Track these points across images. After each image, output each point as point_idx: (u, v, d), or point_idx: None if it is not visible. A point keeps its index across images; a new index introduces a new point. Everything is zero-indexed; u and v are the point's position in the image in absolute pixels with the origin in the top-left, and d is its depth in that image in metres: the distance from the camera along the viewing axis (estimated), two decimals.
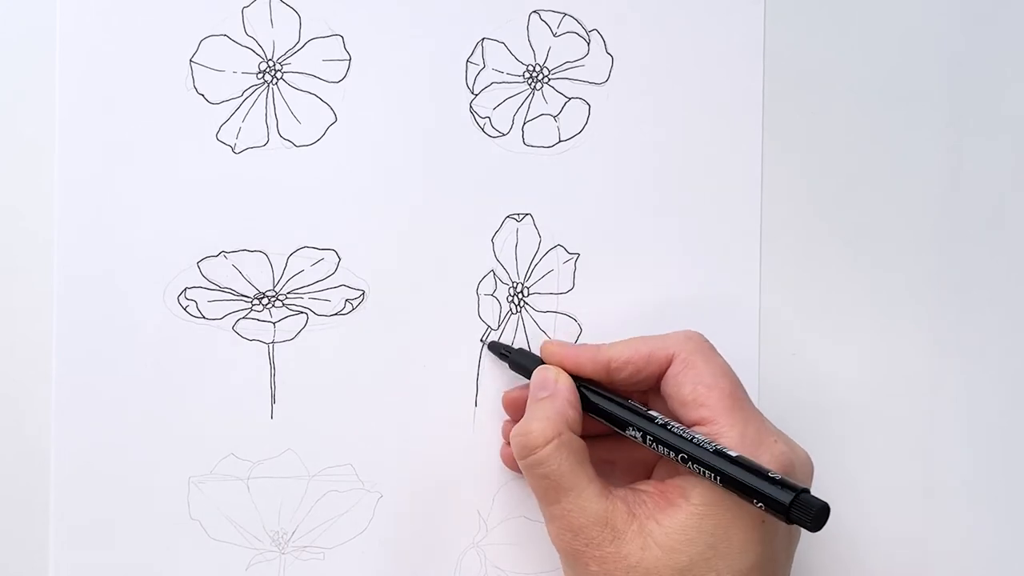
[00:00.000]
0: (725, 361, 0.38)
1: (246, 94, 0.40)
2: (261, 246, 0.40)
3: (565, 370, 0.39)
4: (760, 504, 0.33)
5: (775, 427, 0.37)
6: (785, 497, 0.32)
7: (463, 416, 0.41)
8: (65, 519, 0.39)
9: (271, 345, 0.40)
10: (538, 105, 0.42)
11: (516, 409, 0.40)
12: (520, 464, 0.37)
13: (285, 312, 0.41)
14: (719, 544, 0.34)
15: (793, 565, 0.38)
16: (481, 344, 0.41)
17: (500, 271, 0.42)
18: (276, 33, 0.40)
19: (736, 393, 0.37)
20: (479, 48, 0.42)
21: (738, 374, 0.38)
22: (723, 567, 0.34)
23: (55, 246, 0.39)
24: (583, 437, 0.37)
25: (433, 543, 0.41)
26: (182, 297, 0.40)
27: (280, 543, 0.41)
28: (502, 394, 0.41)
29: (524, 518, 0.42)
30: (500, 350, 0.41)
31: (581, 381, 0.38)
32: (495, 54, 0.42)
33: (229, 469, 0.40)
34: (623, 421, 0.37)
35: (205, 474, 0.40)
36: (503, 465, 0.41)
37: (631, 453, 0.40)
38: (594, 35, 0.42)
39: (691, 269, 0.43)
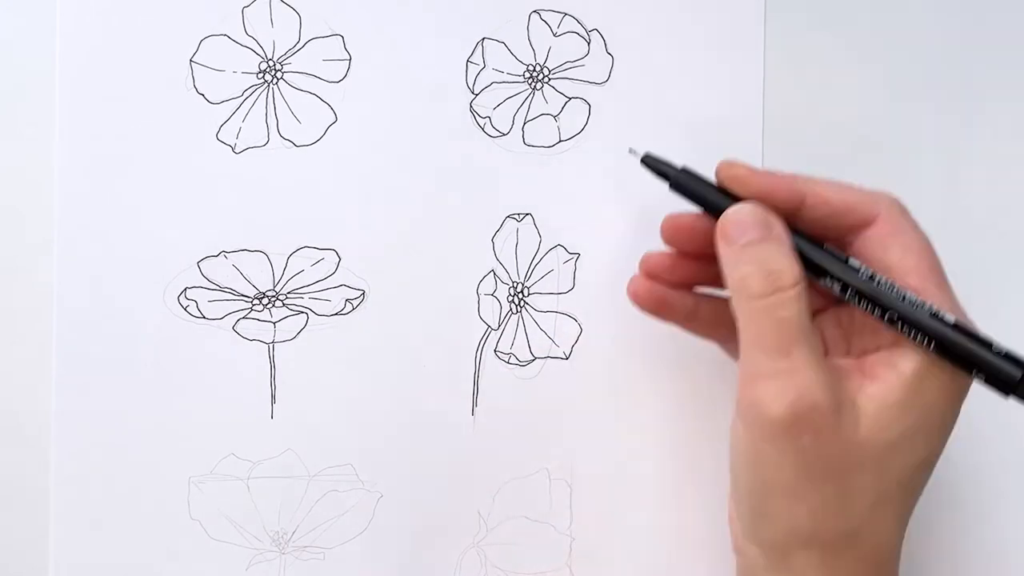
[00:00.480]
0: (927, 238, 0.34)
1: (246, 94, 0.40)
2: (261, 246, 0.40)
3: (751, 196, 0.34)
4: (982, 375, 0.31)
5: None
6: (1015, 371, 0.30)
7: (463, 416, 0.41)
8: (65, 519, 0.39)
9: (271, 345, 0.40)
10: (538, 105, 0.42)
11: (681, 236, 0.37)
12: (751, 306, 0.32)
13: (285, 312, 0.41)
14: (926, 418, 0.32)
15: None
16: (480, 342, 0.41)
17: (500, 271, 0.42)
18: (276, 33, 0.41)
19: (942, 270, 0.34)
20: (479, 48, 0.42)
21: None
22: (922, 444, 0.32)
23: (55, 246, 0.39)
24: None
25: (433, 543, 0.41)
26: (182, 297, 0.40)
27: (280, 543, 0.41)
28: (663, 220, 0.37)
29: (524, 518, 0.42)
30: (688, 180, 0.36)
31: None
32: (495, 54, 0.42)
33: (229, 469, 0.40)
34: (822, 269, 0.33)
35: (205, 474, 0.40)
36: (634, 301, 0.38)
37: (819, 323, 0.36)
38: (594, 35, 0.42)
39: None
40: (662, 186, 0.38)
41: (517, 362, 0.42)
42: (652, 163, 0.36)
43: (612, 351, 0.42)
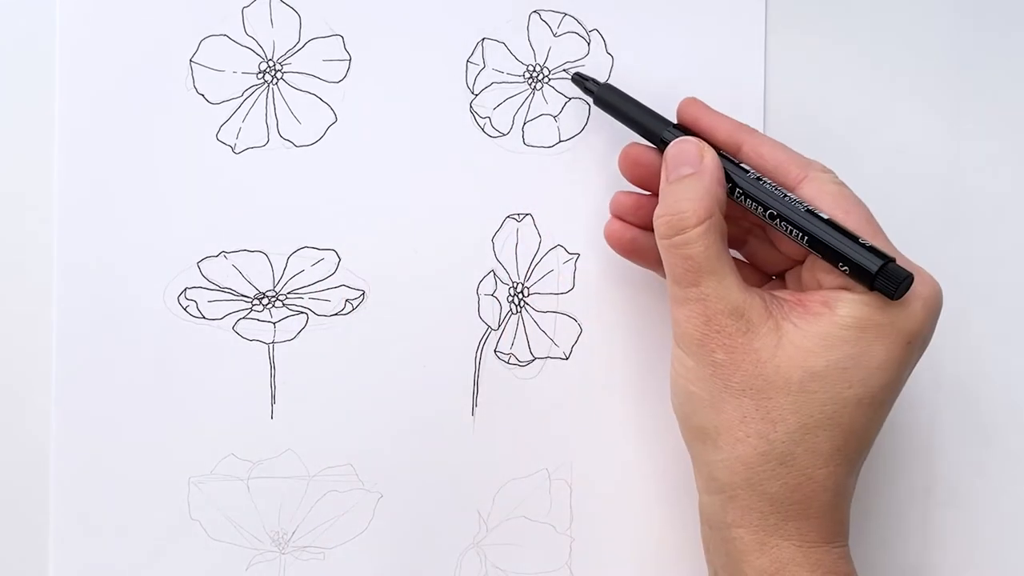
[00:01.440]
0: (864, 207, 0.36)
1: (246, 94, 0.40)
2: (261, 246, 0.40)
3: (696, 133, 0.37)
4: (845, 268, 0.32)
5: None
6: (873, 264, 0.32)
7: (463, 416, 0.41)
8: (65, 519, 0.39)
9: (271, 345, 0.40)
10: (538, 105, 0.42)
11: (636, 169, 0.39)
12: (662, 243, 0.36)
13: (285, 312, 0.41)
14: (860, 357, 0.33)
15: None
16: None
17: (500, 271, 0.42)
18: (276, 33, 0.41)
19: (874, 222, 0.35)
20: (479, 48, 0.42)
21: None
22: (857, 380, 0.33)
23: (55, 246, 0.39)
24: None
25: (433, 543, 0.41)
26: (182, 297, 0.40)
27: (280, 543, 0.41)
28: (620, 153, 0.40)
29: (524, 518, 0.42)
30: (585, 83, 0.39)
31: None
32: (495, 54, 0.42)
33: (229, 469, 0.40)
34: (782, 213, 0.35)
35: (205, 474, 0.40)
36: (611, 247, 0.40)
37: (759, 251, 0.39)
38: (594, 35, 0.42)
39: None
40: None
41: (517, 362, 0.42)
42: (578, 79, 0.39)
43: (612, 351, 0.42)
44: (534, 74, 0.42)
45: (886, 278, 0.32)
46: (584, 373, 0.42)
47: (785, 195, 0.34)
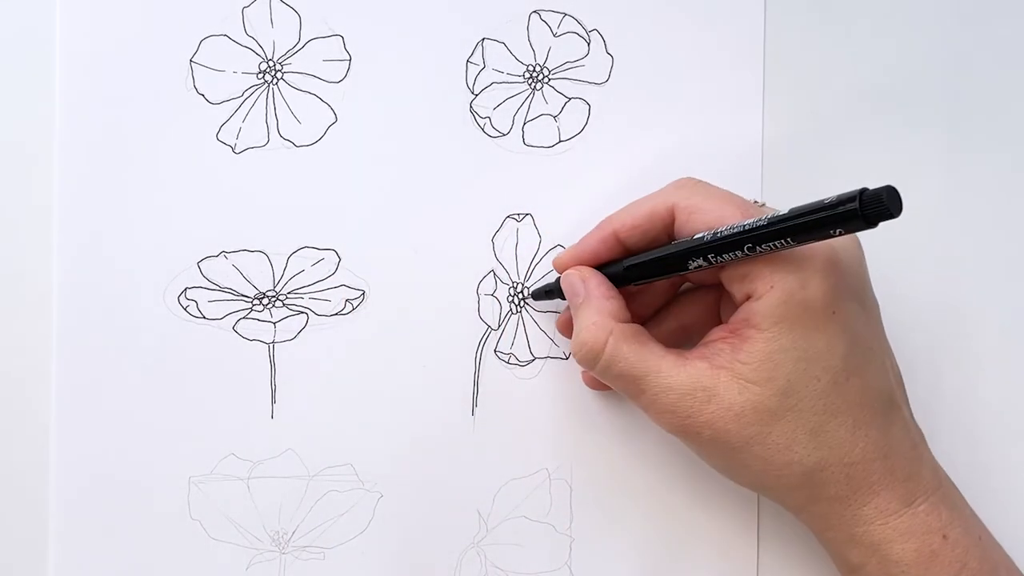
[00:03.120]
0: (724, 190, 0.37)
1: (246, 94, 0.40)
2: (261, 246, 0.40)
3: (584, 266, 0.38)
4: (839, 231, 0.31)
5: None
6: (852, 203, 0.30)
7: (463, 416, 0.41)
8: (65, 519, 0.39)
9: (271, 345, 0.40)
10: (538, 105, 0.42)
11: (569, 329, 0.40)
12: (594, 375, 0.37)
13: (285, 312, 0.41)
14: (807, 351, 0.34)
15: (792, 565, 0.38)
16: (481, 341, 0.41)
17: (500, 271, 0.42)
18: (276, 33, 0.41)
19: (749, 209, 0.35)
20: (479, 48, 0.42)
21: None
22: (820, 370, 0.34)
23: (55, 246, 0.39)
24: (639, 322, 0.37)
25: (433, 543, 0.41)
26: (182, 297, 0.40)
27: (280, 543, 0.41)
28: (555, 321, 0.41)
29: (524, 518, 0.42)
30: (541, 294, 0.41)
31: (605, 267, 0.38)
32: (495, 54, 0.42)
33: (229, 469, 0.40)
34: (680, 257, 0.36)
35: (205, 474, 0.40)
36: (584, 386, 0.42)
37: (693, 307, 0.40)
38: (594, 35, 0.42)
39: None
40: (661, 186, 0.38)
41: (517, 362, 0.42)
42: (537, 295, 0.41)
43: None
44: (534, 74, 0.42)
45: (871, 204, 0.30)
46: (584, 373, 0.42)
47: (744, 225, 0.33)
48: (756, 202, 0.37)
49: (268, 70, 0.41)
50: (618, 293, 0.37)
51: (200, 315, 0.40)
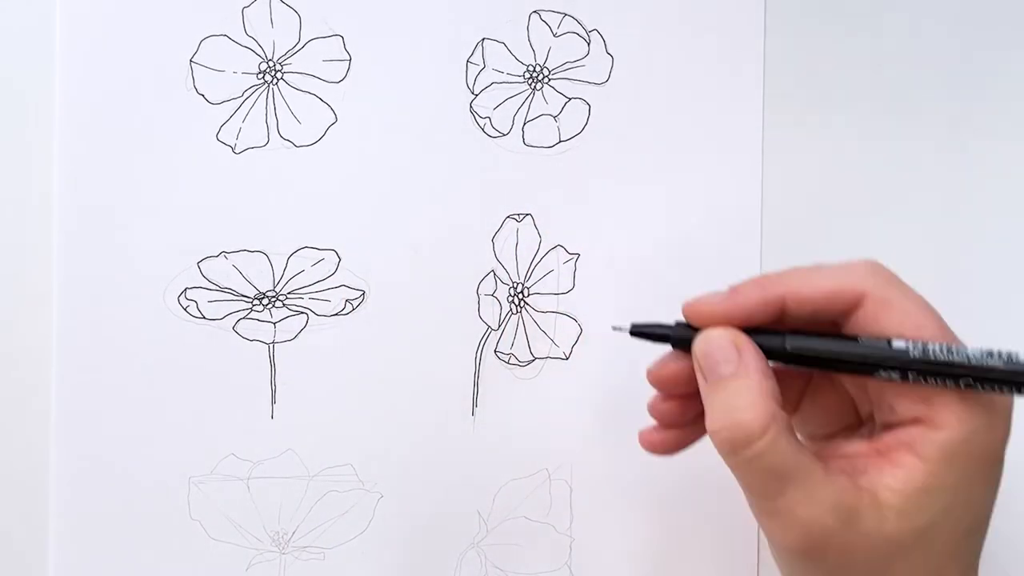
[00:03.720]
0: (916, 292, 0.32)
1: (246, 94, 0.40)
2: (261, 246, 0.40)
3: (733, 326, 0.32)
4: (970, 386, 0.29)
5: None
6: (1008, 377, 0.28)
7: (463, 416, 0.41)
8: (65, 519, 0.39)
9: (271, 345, 0.40)
10: (538, 105, 0.42)
11: (670, 384, 0.34)
12: (730, 461, 0.31)
13: (285, 312, 0.41)
14: (963, 496, 0.30)
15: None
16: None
17: (500, 271, 0.42)
18: (276, 33, 0.41)
19: (946, 330, 0.31)
20: (479, 48, 0.42)
21: None
22: (968, 517, 0.30)
23: (55, 246, 0.39)
24: None
25: (433, 543, 0.41)
26: (182, 297, 0.40)
27: (280, 543, 0.41)
28: (646, 371, 0.34)
29: (524, 518, 0.42)
30: (649, 335, 0.33)
31: (757, 333, 0.32)
32: (495, 54, 0.42)
33: (229, 469, 0.40)
34: (875, 362, 0.30)
35: (205, 474, 0.40)
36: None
37: (827, 400, 0.34)
38: (594, 35, 0.42)
39: (692, 270, 0.43)
40: (661, 185, 0.38)
41: (517, 362, 0.42)
42: (642, 332, 0.34)
43: (612, 351, 0.42)
44: (534, 74, 0.42)
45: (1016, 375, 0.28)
46: (584, 373, 0.42)
47: (971, 356, 0.30)
48: None
49: (268, 70, 0.41)
50: (774, 375, 0.31)
51: (200, 315, 0.40)
